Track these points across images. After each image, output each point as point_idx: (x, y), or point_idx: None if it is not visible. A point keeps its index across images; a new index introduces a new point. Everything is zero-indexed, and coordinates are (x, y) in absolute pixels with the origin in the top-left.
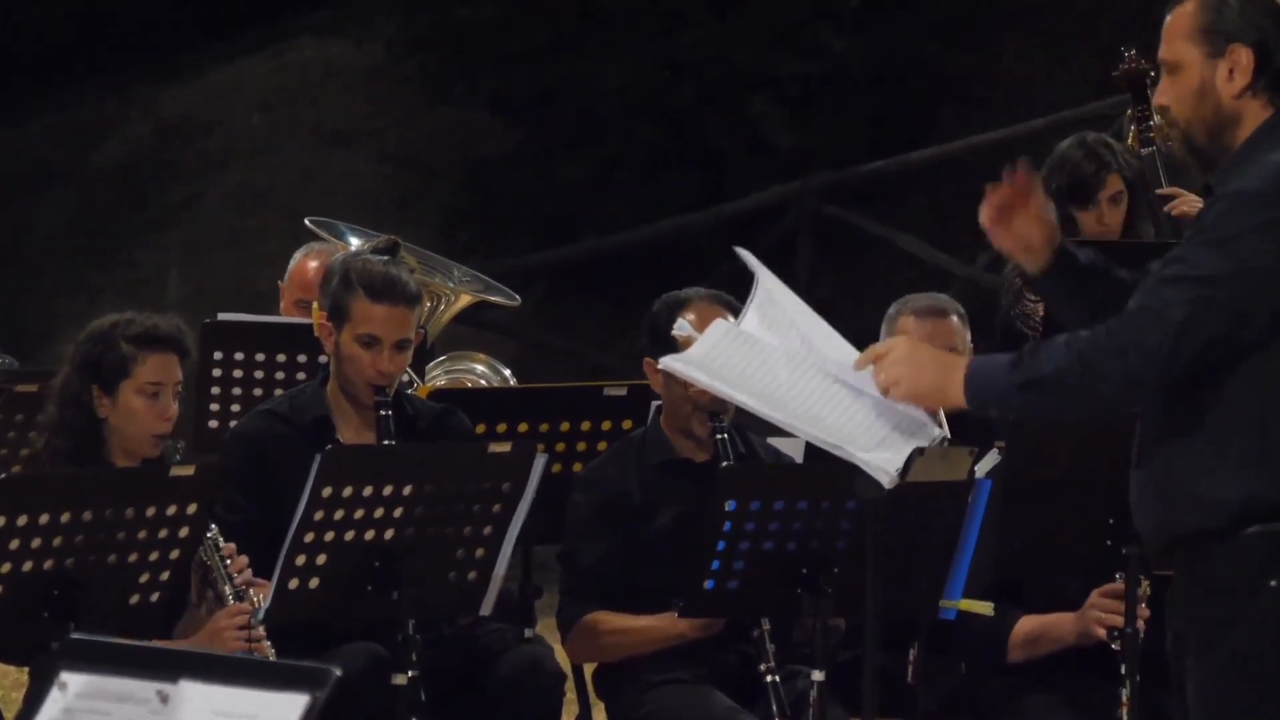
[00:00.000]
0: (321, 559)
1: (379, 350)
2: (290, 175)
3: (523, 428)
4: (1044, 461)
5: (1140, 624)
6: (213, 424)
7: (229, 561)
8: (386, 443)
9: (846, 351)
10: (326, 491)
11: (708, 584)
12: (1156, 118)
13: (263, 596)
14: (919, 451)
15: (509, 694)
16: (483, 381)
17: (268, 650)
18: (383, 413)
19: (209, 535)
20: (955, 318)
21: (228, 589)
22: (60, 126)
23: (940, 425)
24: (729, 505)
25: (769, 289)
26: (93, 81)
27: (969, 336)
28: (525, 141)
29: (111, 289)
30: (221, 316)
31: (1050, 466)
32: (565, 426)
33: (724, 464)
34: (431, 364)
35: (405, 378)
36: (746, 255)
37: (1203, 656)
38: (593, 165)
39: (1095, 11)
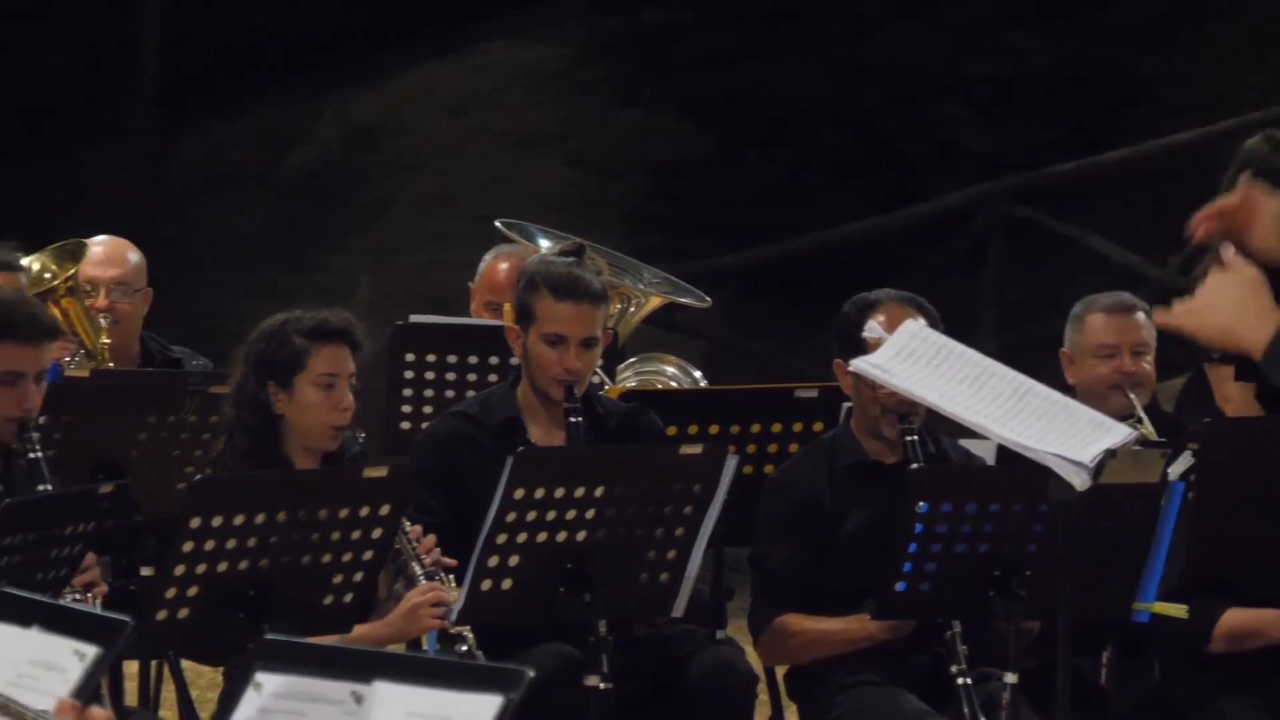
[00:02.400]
0: (514, 560)
1: (565, 349)
2: (479, 179)
3: (713, 429)
4: (1243, 462)
5: None
6: (404, 426)
7: (417, 543)
8: (577, 444)
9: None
10: (519, 493)
11: (899, 586)
12: None
13: (453, 579)
14: (1111, 453)
15: (701, 696)
16: (673, 383)
17: (464, 628)
18: (573, 419)
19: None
20: (1141, 314)
21: (418, 568)
22: (251, 131)
23: (1141, 420)
24: (920, 507)
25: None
26: (284, 87)
27: (1155, 334)
28: (713, 144)
29: (302, 292)
30: (413, 319)
31: (1250, 467)
32: (756, 428)
33: (914, 466)
34: (622, 365)
35: (596, 379)
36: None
37: None
38: (781, 168)
39: None
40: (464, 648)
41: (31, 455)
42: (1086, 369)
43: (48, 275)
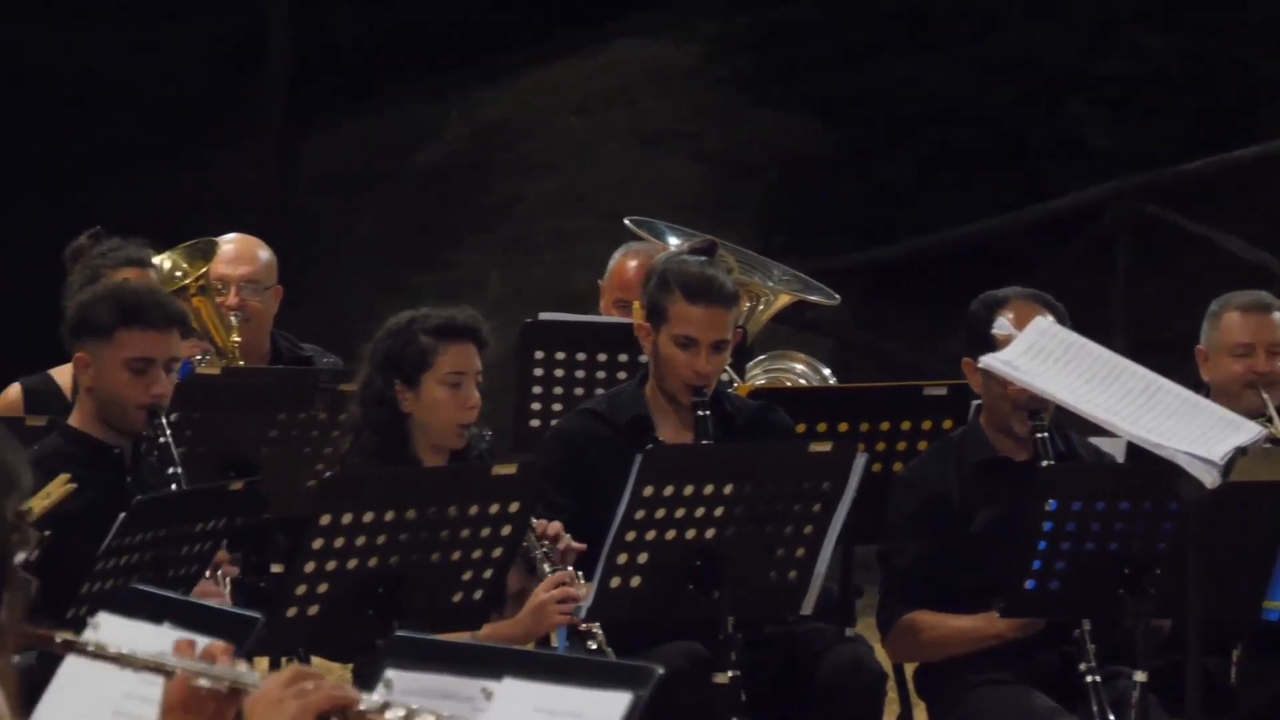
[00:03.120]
0: (643, 558)
1: (696, 351)
2: (608, 176)
3: (843, 427)
4: None
5: None
6: (533, 423)
7: (546, 541)
8: (706, 442)
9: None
10: (648, 491)
11: (1029, 584)
12: None
13: (581, 575)
14: (1241, 451)
15: (830, 693)
16: (802, 381)
17: (593, 624)
18: (701, 413)
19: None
20: (1278, 314)
21: (547, 567)
22: (381, 130)
23: (1272, 419)
24: (1050, 505)
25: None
26: (413, 85)
27: None
28: (843, 142)
29: (431, 290)
30: (542, 316)
31: None
32: (885, 426)
33: (1044, 463)
34: (751, 363)
35: (725, 377)
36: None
37: None
38: (910, 166)
39: None
40: (594, 645)
41: (161, 439)
42: (1221, 367)
43: (179, 274)
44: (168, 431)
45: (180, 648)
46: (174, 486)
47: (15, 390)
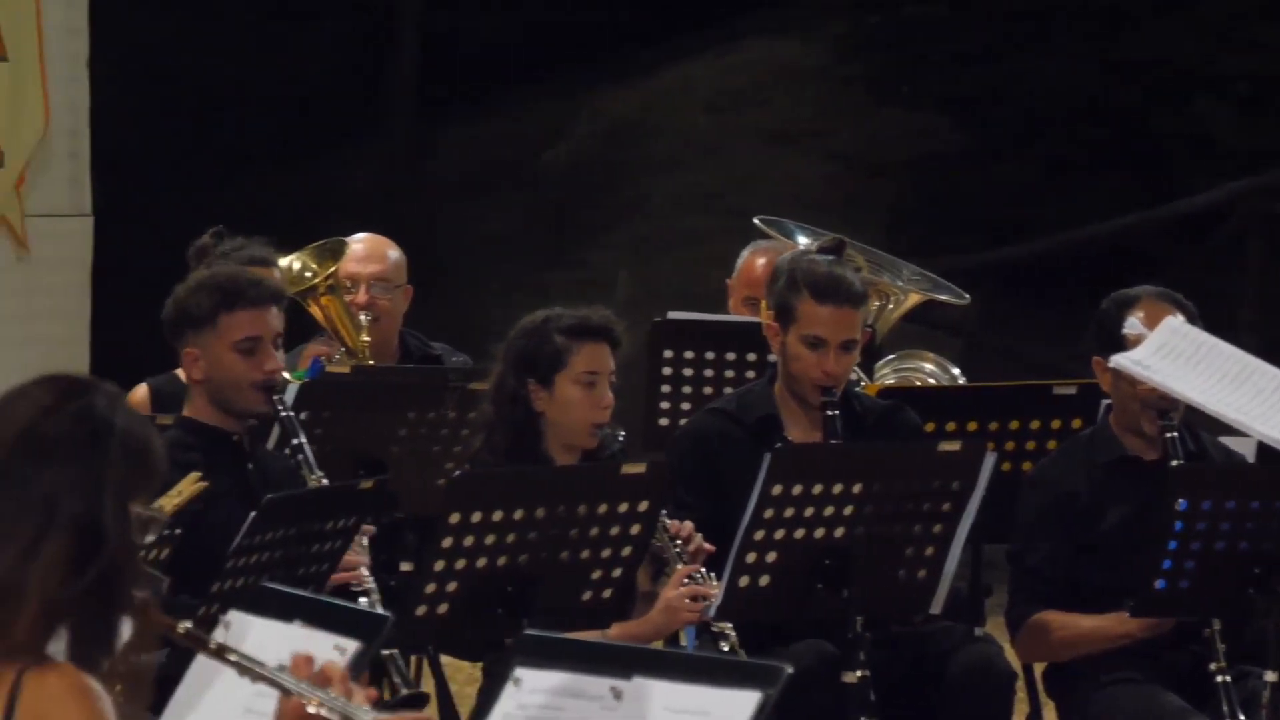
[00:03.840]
0: (771, 557)
1: (825, 351)
2: (737, 175)
3: (972, 426)
4: None
5: None
6: (663, 422)
7: (676, 540)
8: (834, 441)
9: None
10: (776, 490)
11: (1159, 584)
12: None
13: (713, 575)
14: None
15: (959, 692)
16: (931, 380)
17: (725, 625)
18: (830, 413)
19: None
20: None
21: (680, 568)
22: (510, 129)
23: None
24: (1180, 505)
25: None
26: (542, 84)
27: None
28: (971, 141)
29: (560, 289)
30: (671, 315)
31: None
32: (1014, 425)
33: (1174, 463)
34: (880, 362)
35: (854, 376)
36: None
37: None
38: (1038, 164)
39: None
40: (726, 646)
41: (283, 414)
42: None
43: (308, 274)
44: (288, 405)
45: (297, 664)
46: (300, 457)
47: (143, 390)
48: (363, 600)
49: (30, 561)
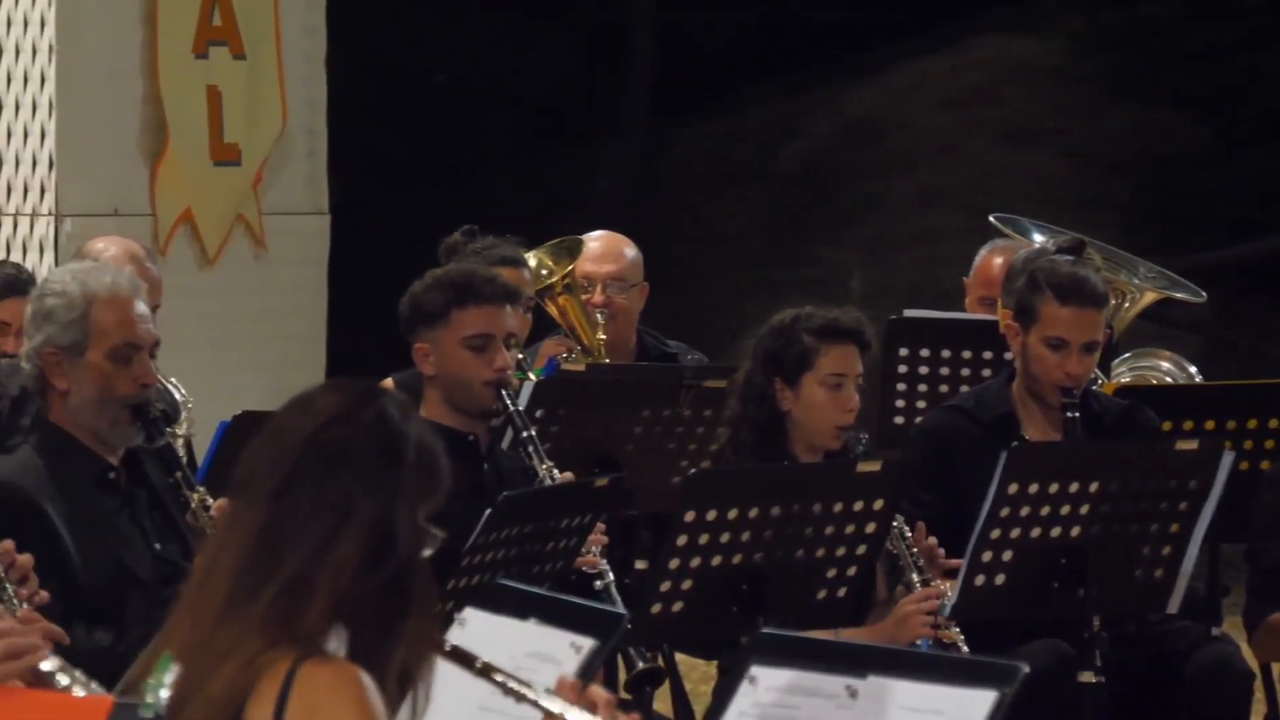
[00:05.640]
0: (1007, 556)
1: (1067, 352)
2: (973, 173)
3: (1209, 425)
4: None
5: None
6: (898, 420)
7: (915, 550)
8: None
9: None
10: (1013, 488)
11: None
12: None
13: (949, 587)
14: None
15: (1196, 693)
16: (1168, 379)
17: (956, 637)
18: (1070, 414)
19: (895, 524)
20: None
21: (915, 577)
22: (745, 126)
23: None
24: None
25: None
26: (777, 81)
27: None
28: (1210, 138)
29: (795, 287)
30: (907, 313)
31: None
32: (1253, 424)
33: None
34: (1117, 361)
35: (1091, 374)
36: None
37: None
38: (1278, 161)
39: None
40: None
41: (511, 409)
42: None
43: (544, 272)
44: (516, 402)
45: (563, 687)
46: (529, 449)
47: (388, 385)
48: (597, 584)
49: (323, 559)
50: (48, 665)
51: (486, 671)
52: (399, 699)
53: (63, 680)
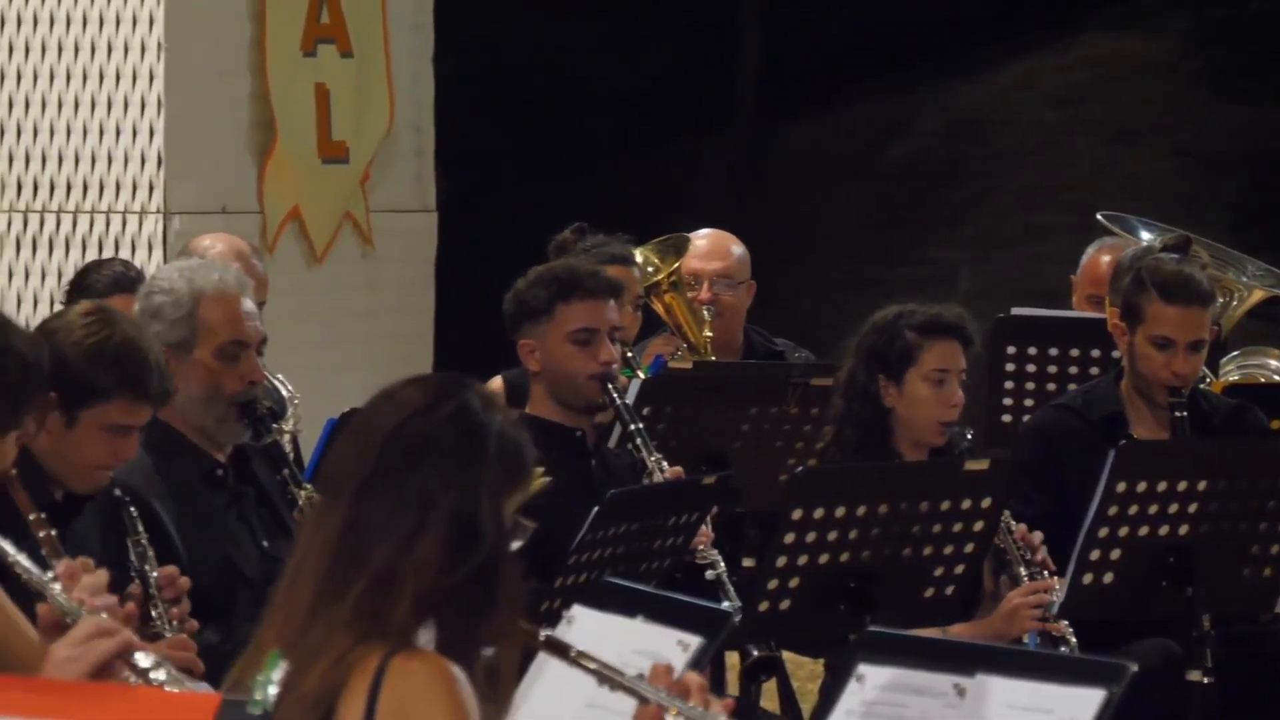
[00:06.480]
0: (1115, 554)
1: (1172, 352)
2: (1080, 171)
3: None
4: None
5: None
6: (1005, 418)
7: (1023, 543)
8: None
9: None
10: (1121, 487)
11: None
12: None
13: (1057, 583)
14: None
15: None
16: (1276, 377)
17: (1065, 630)
18: (1178, 414)
19: (1002, 520)
20: None
21: (1023, 571)
22: (853, 124)
23: None
24: None
25: None
26: (886, 79)
27: None
28: None
29: (902, 285)
30: (1014, 311)
31: None
32: None
33: None
34: (1225, 359)
35: (1198, 373)
36: None
37: None
38: None
39: None
40: (1065, 650)
41: (617, 403)
42: None
43: (650, 269)
44: (623, 395)
45: (657, 673)
46: (638, 441)
47: (497, 383)
48: (709, 574)
49: (408, 553)
50: (144, 662)
51: (580, 660)
52: (488, 690)
53: (159, 676)
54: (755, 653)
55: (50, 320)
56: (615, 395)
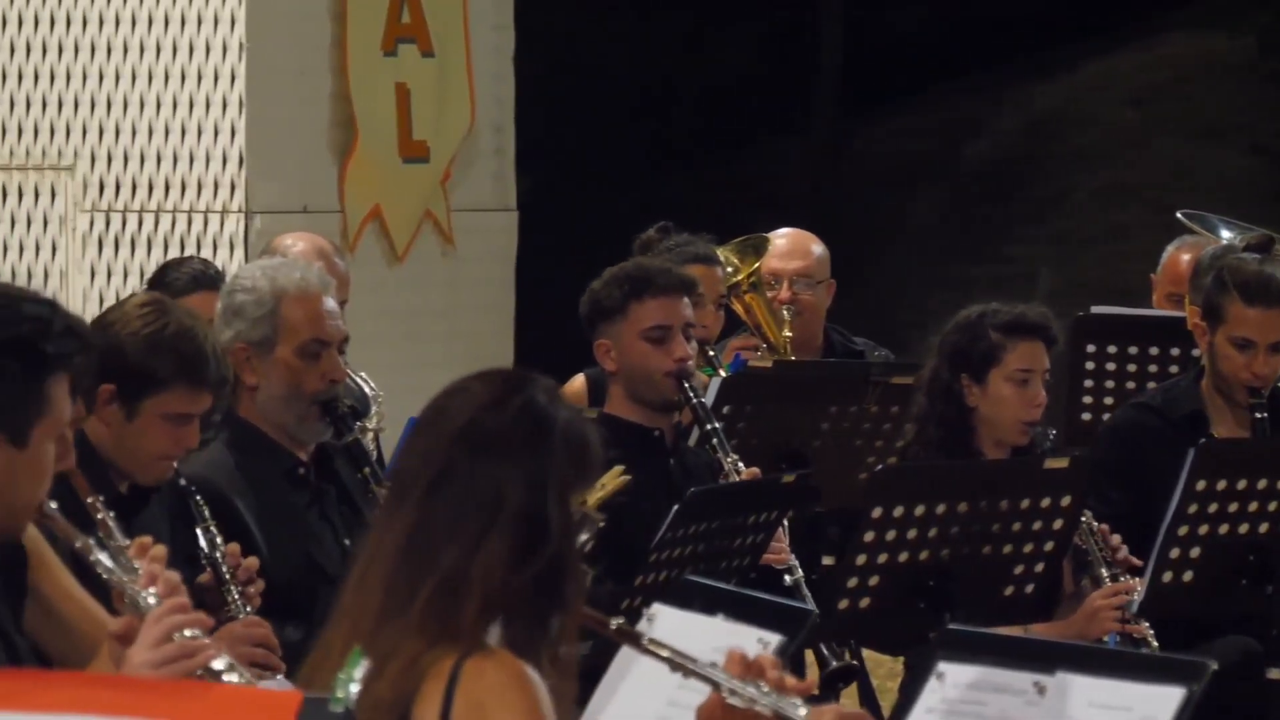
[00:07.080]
0: (1195, 552)
1: (1254, 352)
2: (1161, 170)
3: None
4: None
5: None
6: (1085, 417)
7: (1104, 542)
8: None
9: None
10: (1201, 485)
11: None
12: None
13: (1138, 583)
14: None
15: None
16: None
17: (1146, 632)
18: (1258, 415)
19: (1083, 519)
20: None
21: (1104, 571)
22: (933, 122)
23: None
24: None
25: None
26: (965, 78)
27: None
28: None
29: (982, 283)
30: (1094, 310)
31: None
32: None
33: None
34: None
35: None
36: None
37: None
38: None
39: None
40: (1145, 650)
41: (694, 400)
42: None
43: (730, 269)
44: (699, 394)
45: (731, 660)
46: (714, 441)
47: (579, 381)
48: (787, 579)
49: (476, 555)
50: (218, 664)
51: (651, 647)
52: (558, 683)
53: (231, 678)
54: (835, 662)
55: (107, 313)
56: (691, 393)
